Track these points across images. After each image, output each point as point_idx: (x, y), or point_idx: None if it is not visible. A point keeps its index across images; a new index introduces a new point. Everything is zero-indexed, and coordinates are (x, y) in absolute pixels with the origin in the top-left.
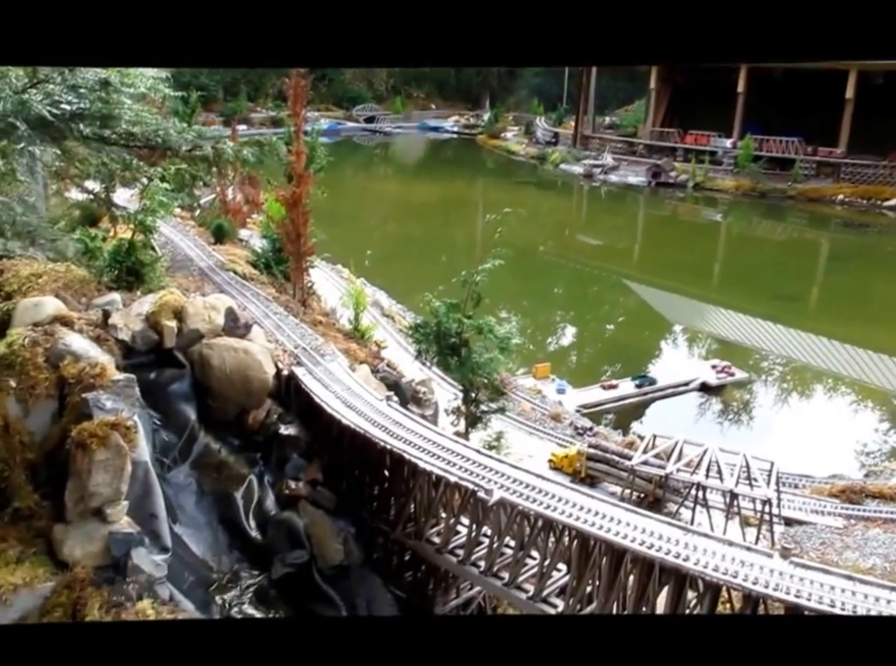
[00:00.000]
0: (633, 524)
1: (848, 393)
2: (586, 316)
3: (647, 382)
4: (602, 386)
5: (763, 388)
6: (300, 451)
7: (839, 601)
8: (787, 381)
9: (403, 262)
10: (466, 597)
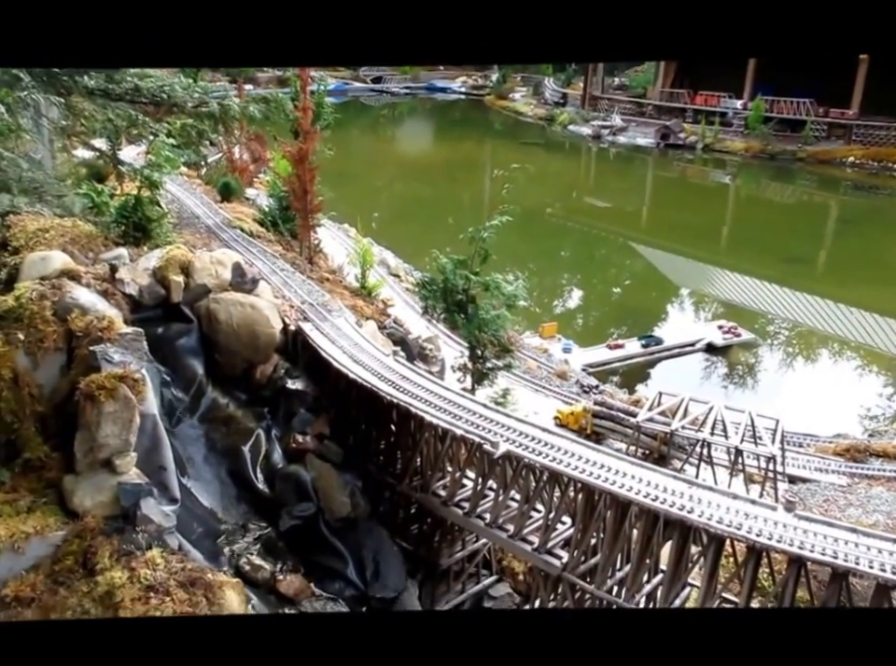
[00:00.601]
0: (638, 477)
1: (854, 357)
2: (593, 279)
3: (653, 342)
4: (608, 346)
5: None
6: (307, 406)
7: (842, 552)
8: (793, 344)
9: (410, 223)
10: (471, 549)
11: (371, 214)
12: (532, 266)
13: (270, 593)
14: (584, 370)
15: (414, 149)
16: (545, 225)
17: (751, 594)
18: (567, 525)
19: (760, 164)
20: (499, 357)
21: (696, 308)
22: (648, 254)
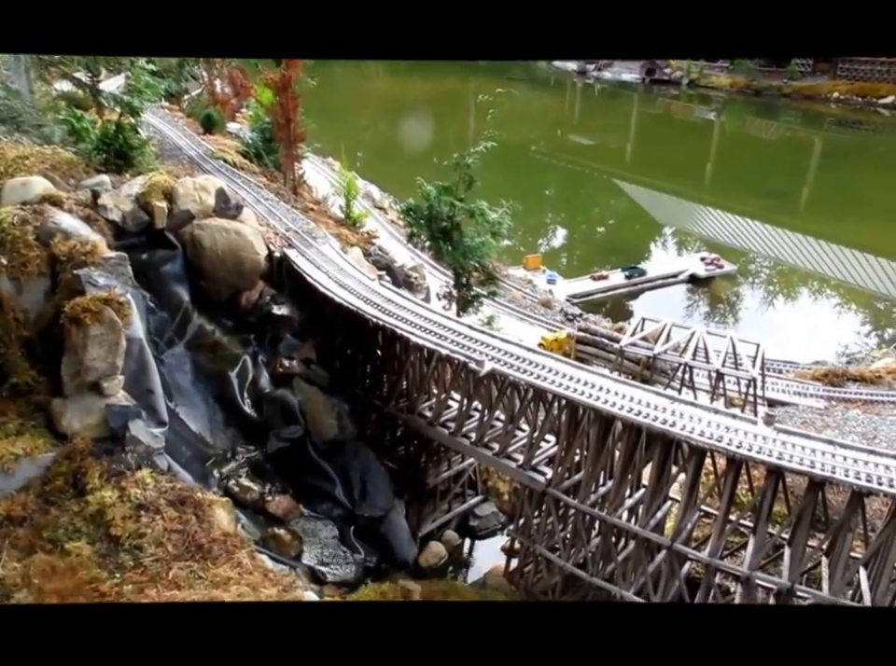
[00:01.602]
0: (621, 393)
1: (833, 295)
2: (577, 218)
3: (636, 273)
4: (592, 277)
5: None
6: (293, 331)
7: (819, 463)
8: (774, 283)
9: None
10: (457, 470)
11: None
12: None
13: (259, 513)
14: (568, 301)
15: (398, 86)
16: (530, 163)
17: (730, 506)
18: (552, 443)
19: (745, 100)
20: (484, 285)
21: (680, 247)
22: (632, 191)
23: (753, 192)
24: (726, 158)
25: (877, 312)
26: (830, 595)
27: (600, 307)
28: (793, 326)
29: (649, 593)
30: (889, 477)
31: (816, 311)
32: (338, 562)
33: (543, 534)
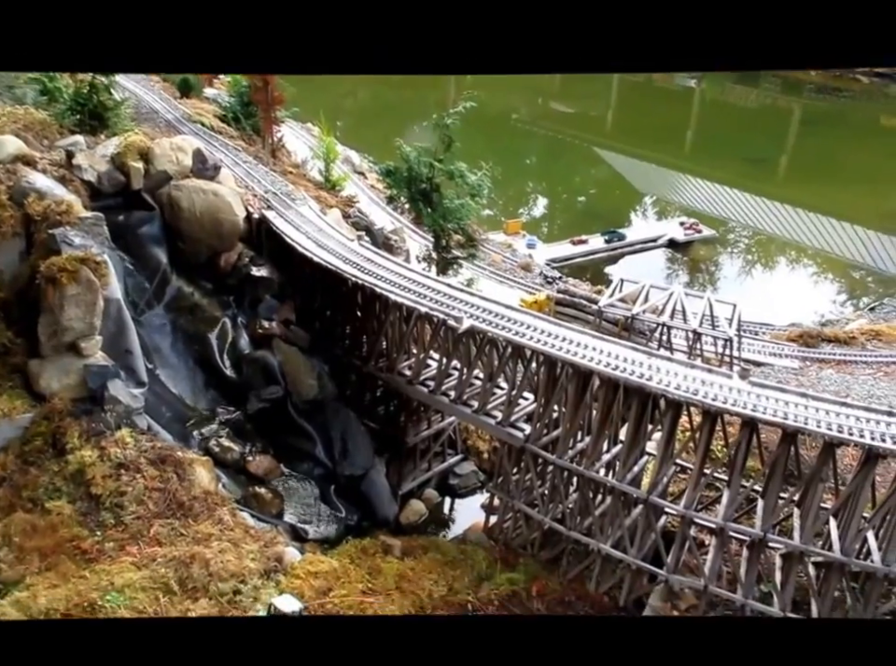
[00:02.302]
0: (599, 349)
1: (811, 264)
2: (558, 187)
3: (616, 238)
4: (572, 241)
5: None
6: (272, 293)
7: (792, 414)
8: (753, 251)
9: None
10: (437, 428)
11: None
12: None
13: (240, 473)
14: (548, 265)
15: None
16: (512, 132)
17: (705, 459)
18: (530, 401)
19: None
20: (463, 247)
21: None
22: (612, 159)
23: (733, 159)
24: (706, 125)
25: (853, 281)
26: (800, 544)
27: (580, 271)
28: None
29: (626, 546)
30: (859, 427)
31: (793, 279)
32: (319, 520)
33: (522, 490)
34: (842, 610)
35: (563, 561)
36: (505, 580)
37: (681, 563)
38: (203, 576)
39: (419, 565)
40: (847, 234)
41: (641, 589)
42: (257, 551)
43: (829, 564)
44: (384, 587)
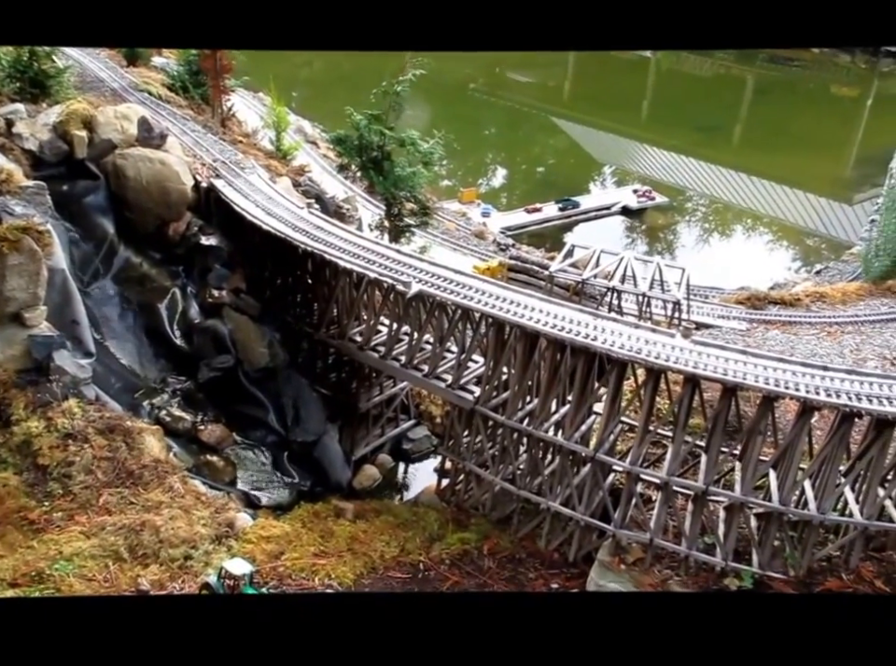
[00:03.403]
0: (546, 311)
1: (766, 232)
2: (517, 157)
3: (570, 205)
4: (526, 210)
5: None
6: (222, 262)
7: (731, 370)
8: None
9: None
10: (389, 394)
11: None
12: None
13: (192, 442)
14: (503, 233)
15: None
16: (470, 102)
17: (650, 416)
18: (480, 363)
19: None
20: (416, 215)
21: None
22: (570, 129)
23: (688, 128)
24: (662, 95)
25: (808, 248)
26: (741, 495)
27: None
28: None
29: (575, 503)
30: (795, 381)
31: (750, 247)
32: (272, 487)
33: (473, 452)
34: (781, 558)
35: (514, 519)
36: (456, 540)
37: (629, 519)
38: (154, 543)
39: (371, 527)
40: (800, 201)
41: (590, 545)
42: (208, 517)
43: (769, 515)
44: (336, 549)
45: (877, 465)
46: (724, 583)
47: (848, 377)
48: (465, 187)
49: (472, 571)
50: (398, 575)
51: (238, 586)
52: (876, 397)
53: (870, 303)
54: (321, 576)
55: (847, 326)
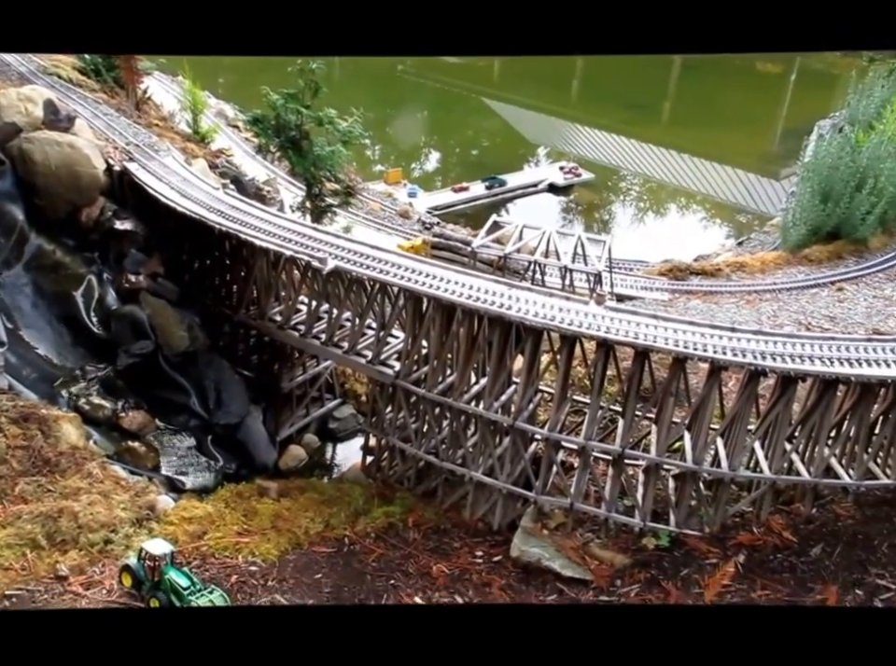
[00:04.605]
0: (461, 283)
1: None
2: (450, 140)
3: (497, 184)
4: (453, 189)
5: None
6: (138, 246)
7: (643, 334)
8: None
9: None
10: (312, 373)
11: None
12: (388, 131)
13: (113, 430)
14: (429, 213)
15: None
16: (398, 85)
17: (566, 382)
18: (400, 338)
19: None
20: (337, 195)
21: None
22: (501, 110)
23: (618, 106)
24: (591, 73)
25: (740, 225)
26: (655, 457)
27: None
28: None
29: (497, 473)
30: (703, 343)
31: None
32: (196, 471)
33: (396, 427)
34: (697, 517)
35: (438, 491)
36: (381, 514)
37: (550, 485)
38: (73, 529)
39: (295, 505)
40: (731, 178)
41: (514, 513)
42: (128, 501)
43: (683, 475)
44: (259, 527)
45: (783, 421)
46: (643, 543)
47: (755, 337)
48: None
49: (397, 543)
50: (322, 550)
51: (158, 566)
52: (780, 356)
53: (787, 271)
54: (245, 554)
55: (765, 294)
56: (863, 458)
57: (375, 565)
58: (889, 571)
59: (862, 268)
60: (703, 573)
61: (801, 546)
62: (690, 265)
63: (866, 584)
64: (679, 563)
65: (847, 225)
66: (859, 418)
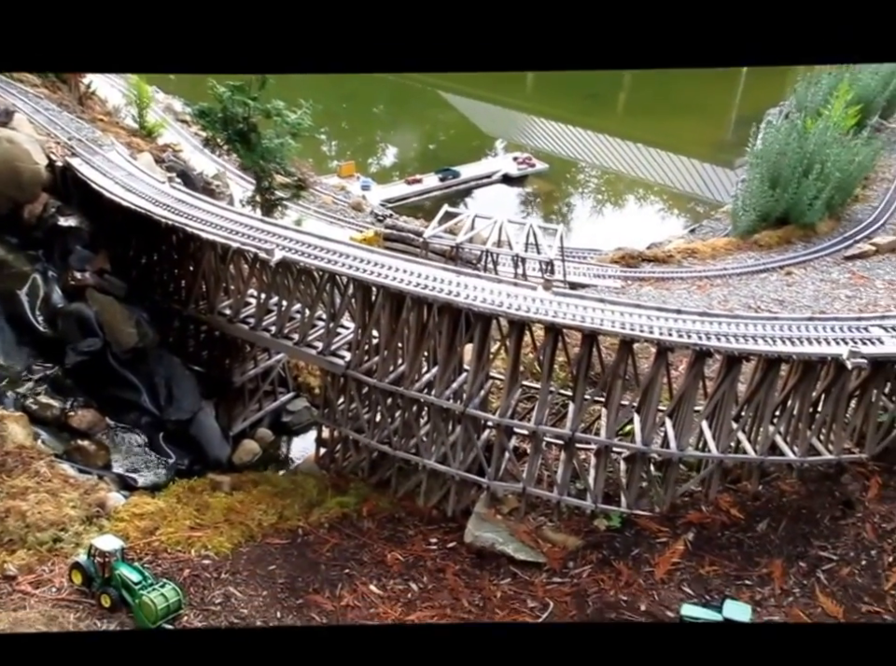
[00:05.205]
0: (410, 271)
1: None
2: (407, 135)
3: (450, 175)
4: (407, 181)
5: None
6: (83, 243)
7: (590, 318)
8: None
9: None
10: (264, 367)
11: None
12: (345, 125)
13: (62, 429)
14: (383, 205)
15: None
16: (353, 79)
17: (516, 368)
18: (350, 329)
19: None
20: (287, 188)
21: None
22: (458, 103)
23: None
24: None
25: (697, 214)
26: (605, 439)
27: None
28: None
29: (450, 460)
30: (649, 325)
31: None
32: (149, 468)
33: (348, 417)
34: (647, 498)
35: (392, 481)
36: (335, 504)
37: (503, 471)
38: (20, 528)
39: (248, 498)
40: (687, 168)
41: (468, 499)
42: (77, 499)
43: (633, 456)
44: (212, 520)
45: (729, 401)
46: (595, 524)
47: (700, 319)
48: (357, 166)
49: (352, 533)
50: (276, 542)
51: (109, 562)
52: (725, 336)
53: (737, 257)
54: (197, 548)
55: (716, 279)
56: (807, 435)
57: (329, 555)
58: (830, 543)
59: (810, 252)
60: (653, 552)
61: (747, 522)
62: (642, 252)
63: (809, 556)
64: (630, 543)
65: (795, 210)
66: (801, 395)
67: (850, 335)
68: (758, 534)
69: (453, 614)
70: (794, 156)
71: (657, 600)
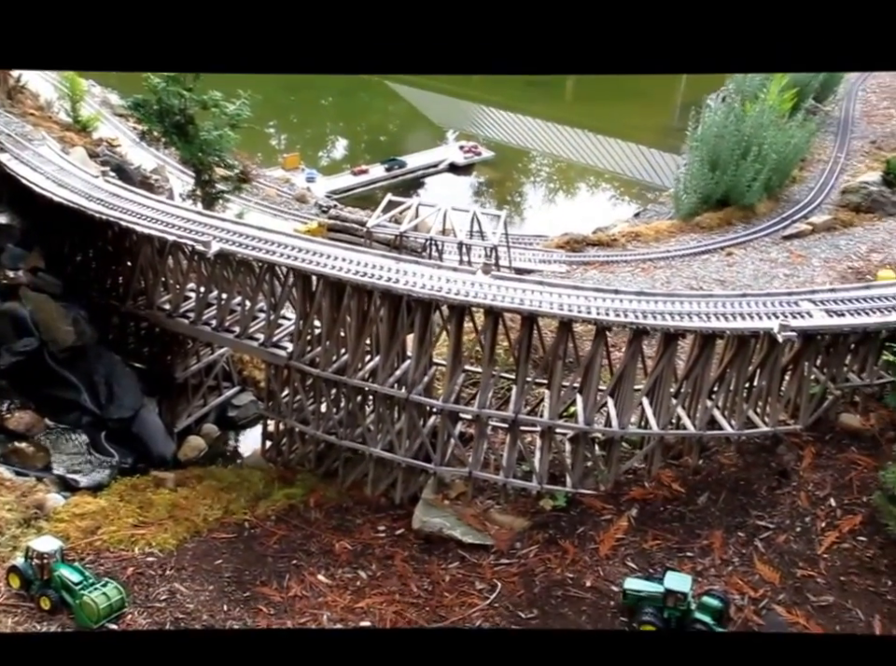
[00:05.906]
0: (349, 259)
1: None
2: (357, 127)
3: (396, 165)
4: (352, 172)
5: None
6: (15, 241)
7: (528, 301)
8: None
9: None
10: (207, 362)
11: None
12: (294, 119)
13: None
14: (328, 197)
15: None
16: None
17: (458, 353)
18: (292, 320)
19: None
20: (229, 181)
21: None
22: (406, 93)
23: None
24: None
25: (647, 200)
26: (548, 420)
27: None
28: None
29: (396, 448)
30: (588, 305)
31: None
32: (91, 468)
33: (293, 409)
34: (592, 477)
35: (339, 470)
36: (282, 496)
37: (449, 456)
38: None
39: (193, 493)
40: (635, 155)
41: (415, 486)
42: (13, 502)
43: (577, 437)
44: (156, 517)
45: (667, 378)
46: (541, 505)
47: (637, 298)
48: (305, 159)
49: (299, 524)
50: (222, 536)
51: (48, 564)
52: (661, 314)
53: (680, 239)
54: (141, 546)
55: (659, 261)
56: (743, 408)
57: (277, 547)
58: (767, 512)
59: (750, 233)
60: (598, 529)
61: (689, 496)
62: (587, 237)
63: (747, 526)
64: (576, 522)
65: (734, 192)
66: (737, 370)
67: (781, 309)
68: (699, 507)
69: (401, 599)
70: (732, 139)
71: (602, 575)
